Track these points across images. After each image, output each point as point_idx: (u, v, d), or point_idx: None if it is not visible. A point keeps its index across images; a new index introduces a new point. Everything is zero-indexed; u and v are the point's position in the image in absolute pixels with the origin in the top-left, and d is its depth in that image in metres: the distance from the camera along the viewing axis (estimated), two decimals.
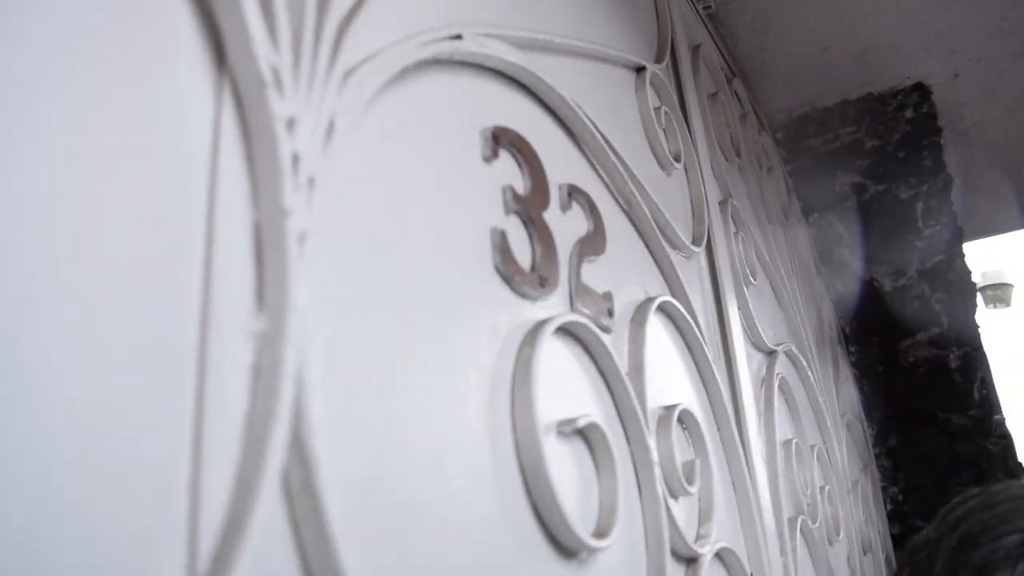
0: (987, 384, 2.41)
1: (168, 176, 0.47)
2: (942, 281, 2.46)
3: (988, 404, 2.38)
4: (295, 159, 0.52)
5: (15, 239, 0.38)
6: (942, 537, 0.68)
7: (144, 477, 0.41)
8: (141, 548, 0.40)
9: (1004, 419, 2.40)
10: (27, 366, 0.37)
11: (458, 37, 0.80)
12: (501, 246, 0.79)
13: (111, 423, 0.40)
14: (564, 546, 0.74)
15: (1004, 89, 2.59)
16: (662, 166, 1.36)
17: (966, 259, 2.51)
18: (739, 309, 1.52)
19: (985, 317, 2.75)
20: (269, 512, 0.44)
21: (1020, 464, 2.37)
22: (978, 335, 2.45)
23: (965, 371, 2.40)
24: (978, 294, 2.64)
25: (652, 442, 0.95)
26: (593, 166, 1.09)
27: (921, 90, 2.55)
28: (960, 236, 2.51)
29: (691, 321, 1.21)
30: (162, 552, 0.41)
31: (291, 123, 0.53)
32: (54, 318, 0.39)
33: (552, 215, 0.91)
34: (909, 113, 2.55)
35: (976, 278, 2.59)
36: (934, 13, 2.26)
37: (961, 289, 2.45)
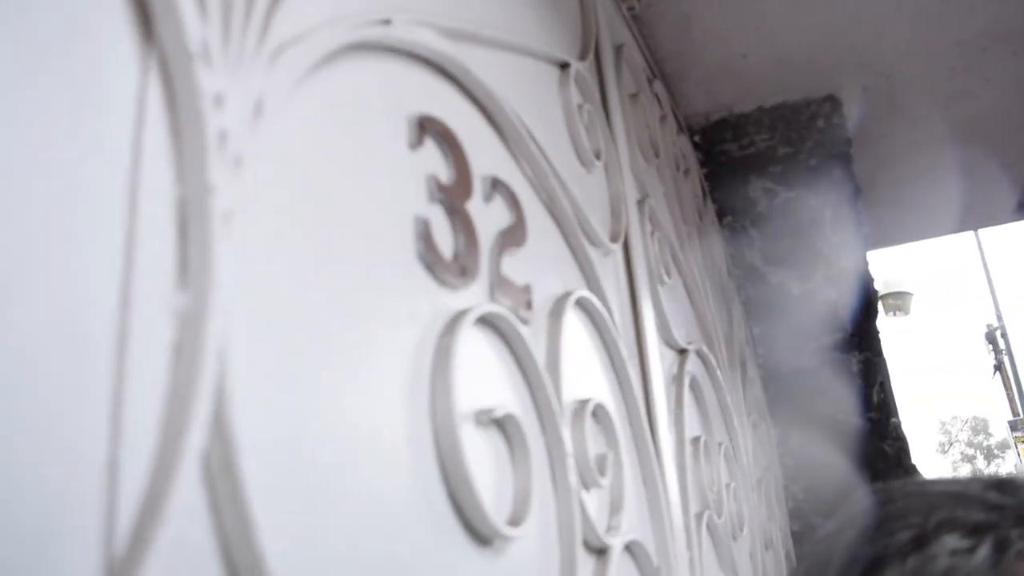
0: (885, 388, 2.50)
1: (89, 149, 0.46)
2: (846, 287, 2.53)
3: (886, 407, 2.47)
4: (222, 136, 0.51)
5: None
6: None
7: (60, 455, 0.40)
8: (57, 527, 0.39)
9: (900, 422, 2.49)
10: None
11: (387, 22, 0.80)
12: (424, 234, 0.79)
13: (26, 401, 0.39)
14: (479, 533, 0.75)
15: (910, 105, 2.69)
16: (583, 163, 1.37)
17: (869, 267, 2.59)
18: (653, 307, 1.54)
19: (885, 324, 2.85)
20: (189, 491, 0.44)
21: (914, 465, 2.47)
22: (879, 341, 2.53)
23: (865, 375, 2.48)
24: (879, 302, 2.73)
25: (566, 434, 0.96)
26: (516, 159, 1.09)
27: (833, 101, 2.62)
28: (865, 245, 2.59)
29: (607, 317, 1.23)
30: (78, 532, 0.40)
31: (219, 99, 0.52)
32: None
33: (475, 206, 0.91)
34: (821, 123, 2.62)
35: (878, 286, 2.68)
36: (848, 28, 2.33)
37: (864, 296, 2.53)
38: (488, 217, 0.94)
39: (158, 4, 0.50)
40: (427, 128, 0.85)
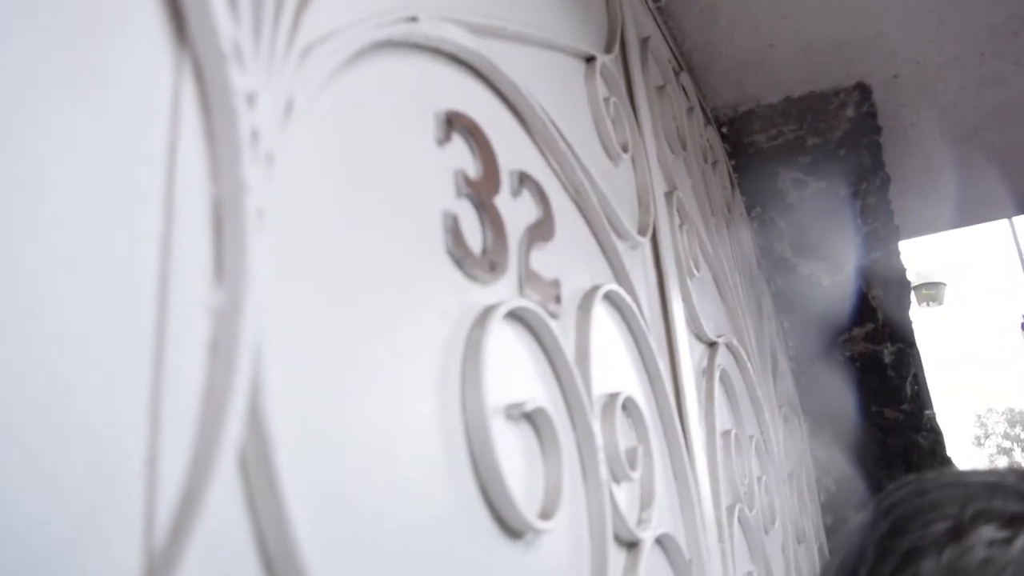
0: (919, 380, 2.48)
1: (127, 150, 0.46)
2: (878, 278, 2.52)
3: (920, 399, 2.45)
4: (254, 134, 0.52)
5: None
6: (875, 523, 0.70)
7: (102, 449, 0.41)
8: (97, 520, 0.40)
9: (935, 414, 2.46)
10: None
11: (414, 19, 0.81)
12: (453, 229, 0.80)
13: (69, 396, 0.40)
14: (510, 526, 0.75)
15: (941, 92, 2.66)
16: (610, 156, 1.37)
17: (901, 257, 2.57)
18: (682, 300, 1.54)
19: (918, 315, 2.83)
20: (225, 485, 0.45)
21: (949, 458, 2.44)
22: (912, 332, 2.51)
23: (898, 367, 2.46)
24: (911, 292, 2.71)
25: (597, 427, 0.96)
26: (543, 154, 1.09)
27: (862, 90, 2.60)
28: (896, 234, 2.57)
29: (636, 310, 1.23)
30: (118, 524, 0.41)
31: (251, 98, 0.53)
32: (9, 294, 0.38)
33: (503, 200, 0.91)
34: (850, 112, 2.60)
35: (910, 276, 2.65)
36: (876, 15, 2.31)
37: (896, 286, 2.51)
38: (516, 211, 0.95)
39: (191, 6, 0.51)
40: (454, 124, 0.86)
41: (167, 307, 0.46)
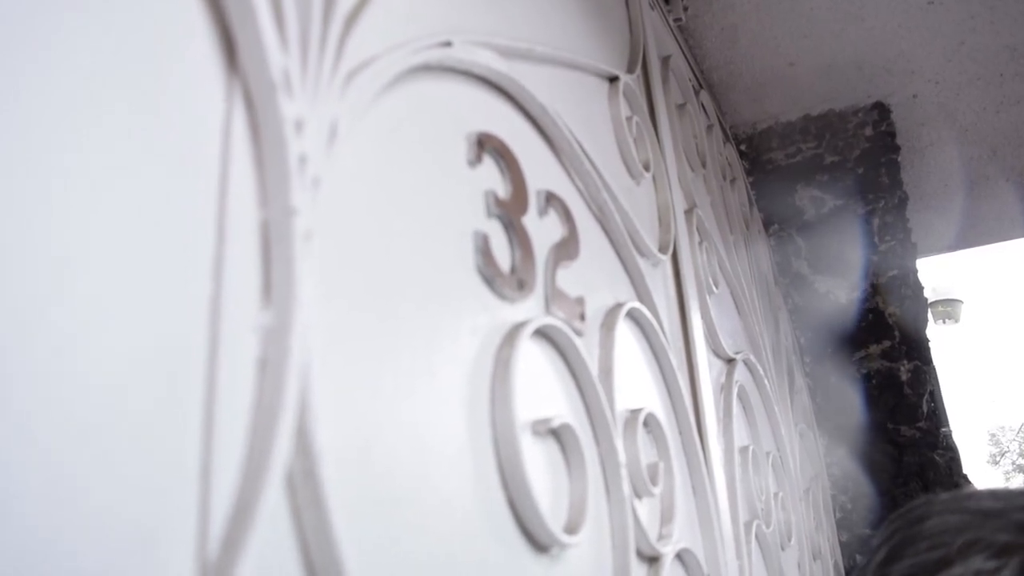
0: (935, 398, 2.48)
1: (181, 176, 0.48)
2: (895, 296, 2.52)
3: (936, 417, 2.45)
4: (302, 160, 0.54)
5: (32, 238, 0.39)
6: (877, 548, 0.71)
7: (159, 464, 0.43)
8: (154, 535, 0.42)
9: (951, 432, 2.46)
10: (42, 361, 0.38)
11: (448, 44, 0.83)
12: (483, 248, 0.82)
13: (127, 415, 0.42)
14: (537, 541, 0.77)
15: (960, 111, 2.67)
16: (632, 175, 1.39)
17: (919, 275, 2.58)
18: (701, 316, 1.56)
19: (934, 332, 2.82)
20: (274, 501, 0.46)
21: (965, 476, 2.44)
22: (928, 349, 2.52)
23: (915, 384, 2.46)
24: (928, 309, 2.71)
25: (620, 444, 0.97)
26: (568, 173, 1.11)
27: (881, 109, 2.61)
28: (914, 252, 2.58)
29: (657, 327, 1.25)
30: (174, 540, 0.42)
31: (299, 125, 0.55)
32: (70, 315, 0.40)
33: (530, 220, 0.93)
34: (868, 131, 2.61)
35: (927, 294, 2.66)
36: (896, 35, 2.32)
37: (913, 304, 2.52)
38: (543, 231, 0.96)
39: (242, 36, 0.53)
40: (485, 145, 0.88)
41: (219, 327, 0.48)
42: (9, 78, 0.39)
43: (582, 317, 1.01)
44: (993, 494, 0.68)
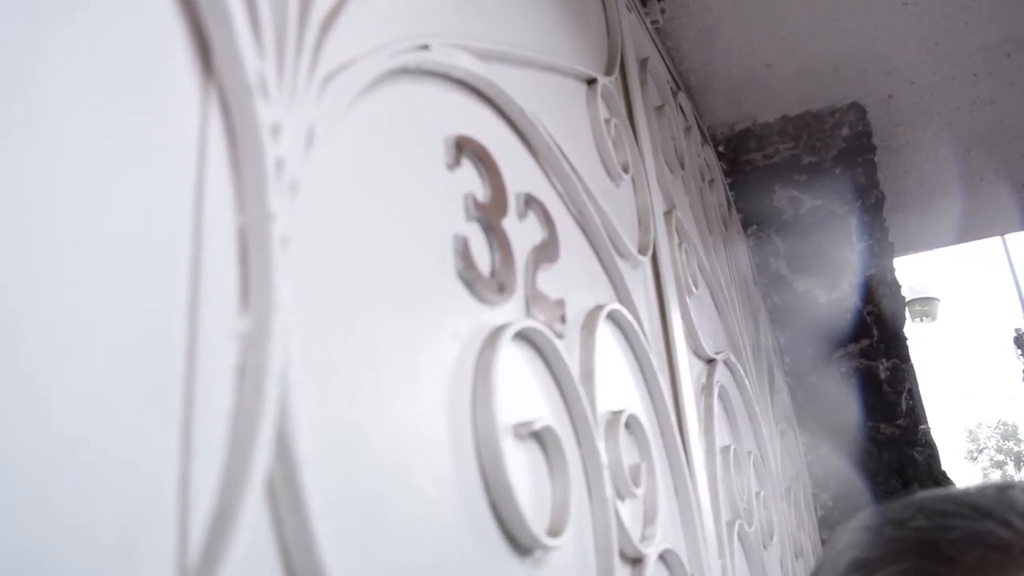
0: (914, 395, 2.50)
1: (157, 182, 0.48)
2: (873, 294, 2.54)
3: (915, 414, 2.46)
4: (279, 164, 0.54)
5: (5, 245, 0.38)
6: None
7: (135, 476, 0.42)
8: (133, 544, 0.41)
9: (930, 429, 2.48)
10: (16, 369, 0.38)
11: (425, 47, 0.82)
12: (463, 252, 0.81)
13: (104, 423, 0.41)
14: (520, 543, 0.77)
15: (935, 111, 2.69)
16: (611, 177, 1.39)
17: (896, 273, 2.60)
18: (682, 318, 1.56)
19: (912, 330, 2.84)
20: (254, 506, 0.46)
21: (944, 472, 2.46)
22: (907, 347, 2.53)
23: (894, 382, 2.48)
24: (906, 308, 2.73)
25: (601, 445, 0.97)
26: (548, 176, 1.11)
27: (857, 109, 2.63)
28: (891, 251, 2.60)
29: (637, 328, 1.25)
30: (153, 548, 0.42)
31: (276, 129, 0.54)
32: (45, 322, 0.39)
33: (510, 223, 0.93)
34: (845, 131, 2.63)
35: (905, 292, 2.68)
36: (871, 36, 2.34)
37: (891, 302, 2.54)
38: (523, 233, 0.96)
39: (218, 40, 0.53)
40: (464, 148, 0.87)
41: (197, 333, 0.47)
42: None
43: (563, 319, 1.01)
44: (906, 504, 0.66)
